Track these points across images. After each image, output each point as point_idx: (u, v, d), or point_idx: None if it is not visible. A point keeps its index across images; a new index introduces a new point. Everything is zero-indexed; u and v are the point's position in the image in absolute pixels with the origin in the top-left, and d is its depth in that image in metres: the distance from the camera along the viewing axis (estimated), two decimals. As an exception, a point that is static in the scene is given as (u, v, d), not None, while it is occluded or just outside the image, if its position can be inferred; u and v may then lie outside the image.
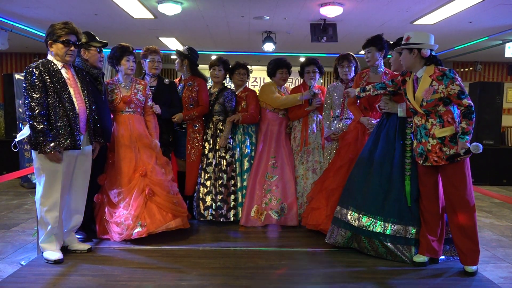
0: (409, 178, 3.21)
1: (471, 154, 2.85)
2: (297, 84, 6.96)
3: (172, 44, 8.41)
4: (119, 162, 3.59)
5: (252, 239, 3.78)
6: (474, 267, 3.01)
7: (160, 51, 4.11)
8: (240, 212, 4.15)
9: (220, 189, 4.13)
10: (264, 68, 4.44)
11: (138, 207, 3.47)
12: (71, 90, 3.05)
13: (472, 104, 2.90)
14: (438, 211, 3.13)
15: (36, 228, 3.42)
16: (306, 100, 4.13)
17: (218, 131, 4.22)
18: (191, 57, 4.21)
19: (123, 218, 3.46)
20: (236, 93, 4.34)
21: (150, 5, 5.66)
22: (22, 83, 3.03)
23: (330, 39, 6.39)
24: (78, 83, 3.13)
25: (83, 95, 3.13)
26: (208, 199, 4.12)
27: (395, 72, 3.51)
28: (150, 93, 3.88)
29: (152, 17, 6.25)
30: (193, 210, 4.19)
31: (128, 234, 3.42)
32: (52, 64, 3.02)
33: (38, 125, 2.89)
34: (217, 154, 4.18)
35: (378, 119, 3.68)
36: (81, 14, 6.04)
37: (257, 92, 4.44)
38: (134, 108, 3.71)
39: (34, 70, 2.94)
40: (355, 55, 4.10)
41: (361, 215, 3.27)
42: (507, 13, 5.60)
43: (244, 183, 4.21)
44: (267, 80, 5.00)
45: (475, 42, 7.24)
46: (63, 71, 3.05)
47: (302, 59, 4.41)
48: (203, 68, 4.56)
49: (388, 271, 3.05)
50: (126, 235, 3.43)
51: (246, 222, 4.08)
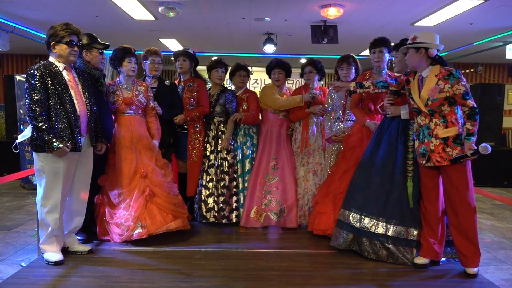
0: (411, 179, 3.20)
1: (478, 155, 2.82)
2: (298, 86, 6.94)
3: (173, 46, 8.42)
4: (120, 163, 3.59)
5: (252, 240, 3.77)
6: (475, 269, 3.00)
7: (161, 53, 4.11)
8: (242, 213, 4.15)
9: (222, 190, 4.13)
10: (265, 69, 4.44)
11: (139, 208, 3.46)
12: (72, 92, 3.05)
13: (476, 105, 2.91)
14: (438, 213, 3.12)
15: (36, 229, 3.42)
16: (306, 102, 4.13)
17: (220, 133, 4.22)
18: (196, 59, 4.25)
19: (124, 219, 3.45)
20: (237, 94, 4.34)
21: (151, 6, 5.66)
22: (23, 84, 3.04)
23: (330, 40, 6.39)
24: (79, 85, 3.14)
25: (84, 96, 3.13)
26: (210, 201, 4.11)
27: (396, 74, 3.51)
28: (152, 94, 3.88)
29: (153, 18, 6.26)
30: (193, 211, 4.19)
31: (128, 235, 3.42)
32: (54, 66, 3.03)
33: (41, 124, 2.89)
34: (218, 155, 4.18)
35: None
36: (82, 16, 6.05)
37: (258, 93, 4.45)
38: (136, 109, 3.71)
39: (35, 72, 2.94)
40: (356, 57, 4.10)
41: (363, 216, 3.27)
42: (508, 14, 5.60)
43: (246, 184, 4.20)
44: (268, 81, 5.00)
45: (476, 43, 7.24)
46: (65, 73, 3.06)
47: (303, 61, 4.41)
48: (201, 70, 4.56)
49: (389, 273, 3.05)
50: (126, 236, 3.42)
51: (246, 223, 4.07)
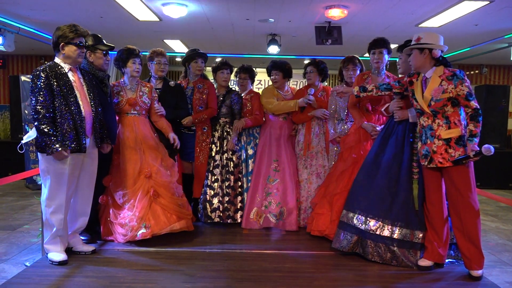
0: (416, 181, 3.19)
1: (481, 156, 2.80)
2: (302, 86, 6.94)
3: (177, 46, 8.44)
4: (124, 164, 3.60)
5: (256, 241, 3.77)
6: (479, 271, 2.98)
7: (166, 54, 4.12)
8: (246, 213, 4.16)
9: (227, 190, 4.13)
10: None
11: (143, 208, 3.47)
12: (77, 93, 3.06)
13: (479, 106, 2.90)
14: (442, 215, 3.11)
15: (40, 229, 3.44)
16: (300, 107, 4.10)
17: (225, 133, 4.23)
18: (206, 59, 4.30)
19: (128, 219, 3.46)
20: (241, 95, 4.35)
21: (155, 7, 5.68)
22: (28, 85, 3.06)
23: (335, 41, 6.40)
24: (84, 86, 3.15)
25: (89, 98, 3.15)
26: (215, 201, 4.12)
27: (400, 75, 3.50)
28: (156, 95, 3.88)
29: (157, 19, 6.28)
30: (197, 212, 4.20)
31: (132, 235, 3.42)
32: (59, 67, 3.04)
33: (44, 127, 2.91)
34: (224, 156, 4.19)
35: (382, 125, 3.66)
36: (86, 17, 6.08)
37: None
38: (139, 110, 3.72)
39: (41, 73, 2.96)
40: (360, 58, 4.09)
41: (368, 219, 3.25)
42: (513, 16, 5.59)
43: (249, 184, 4.21)
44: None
45: (480, 45, 7.21)
46: (70, 74, 3.07)
47: (307, 62, 4.39)
48: (207, 71, 4.57)
49: (392, 275, 3.03)
50: (130, 237, 3.43)
51: (246, 224, 4.08)
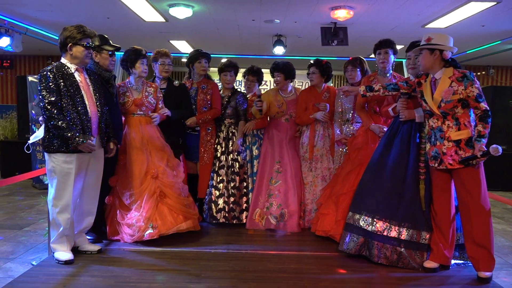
0: (423, 182, 3.16)
1: (489, 156, 2.78)
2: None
3: (183, 47, 8.47)
4: (131, 165, 3.61)
5: (261, 242, 3.77)
6: (487, 273, 2.96)
7: (171, 54, 4.13)
8: (252, 213, 4.16)
9: (232, 191, 4.14)
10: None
11: (150, 209, 3.48)
12: (83, 93, 3.08)
13: (489, 108, 2.88)
14: (449, 217, 3.09)
15: (47, 228, 3.46)
16: (315, 107, 4.08)
17: (231, 134, 4.23)
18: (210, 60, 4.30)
19: (135, 220, 3.48)
20: (247, 96, 4.35)
21: (162, 8, 5.70)
22: (35, 85, 3.09)
23: (340, 42, 6.39)
24: (90, 86, 3.17)
25: (95, 98, 3.16)
26: (220, 201, 4.12)
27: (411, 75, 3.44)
28: (161, 95, 3.90)
29: (164, 20, 6.30)
30: (203, 212, 4.21)
31: (139, 235, 3.44)
32: (66, 67, 3.06)
33: (61, 123, 2.93)
34: (229, 156, 4.19)
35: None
36: (93, 17, 6.12)
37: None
38: (145, 110, 3.74)
39: (48, 73, 2.98)
40: (365, 59, 4.08)
41: (375, 220, 3.22)
42: (520, 17, 5.55)
43: (254, 185, 4.20)
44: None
45: (487, 46, 7.17)
46: (76, 75, 3.09)
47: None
48: (212, 71, 4.57)
49: (398, 277, 3.02)
50: (137, 237, 3.45)
51: (249, 224, 4.09)
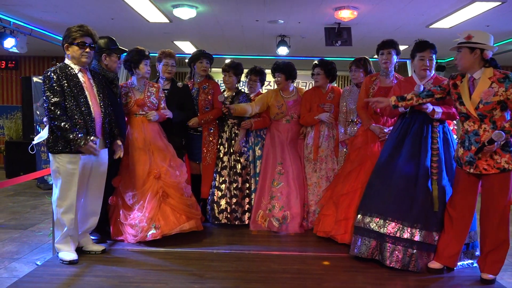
0: (436, 182, 3.10)
1: (494, 143, 2.71)
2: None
3: (187, 48, 8.48)
4: (133, 165, 3.62)
5: (264, 242, 3.77)
6: (491, 276, 2.94)
7: (175, 55, 4.14)
8: (254, 215, 4.15)
9: (235, 192, 4.14)
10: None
11: (152, 209, 3.49)
12: (87, 94, 3.09)
13: None
14: (470, 220, 3.02)
15: (51, 228, 3.47)
16: (320, 108, 4.06)
17: (234, 135, 4.23)
18: (213, 60, 4.30)
19: (138, 220, 3.48)
20: (250, 97, 4.35)
21: (166, 9, 5.71)
22: (40, 86, 3.10)
23: (344, 43, 6.37)
24: (94, 87, 3.18)
25: (99, 98, 3.17)
26: (222, 202, 4.12)
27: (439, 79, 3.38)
28: (163, 95, 3.90)
29: (167, 21, 6.31)
30: (206, 213, 4.21)
31: (142, 236, 3.45)
32: (69, 68, 3.07)
33: (64, 124, 2.94)
34: (232, 157, 4.19)
35: (390, 127, 3.64)
36: (98, 18, 6.14)
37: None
38: (148, 111, 3.74)
39: (52, 74, 2.99)
40: (370, 59, 4.07)
41: (387, 221, 3.14)
42: (525, 16, 5.52)
43: (257, 186, 4.20)
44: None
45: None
46: (80, 75, 3.10)
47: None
48: (217, 72, 4.58)
49: (401, 277, 3.01)
50: (140, 237, 3.45)
51: (253, 226, 4.09)
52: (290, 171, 4.10)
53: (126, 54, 3.74)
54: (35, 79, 7.11)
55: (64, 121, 2.95)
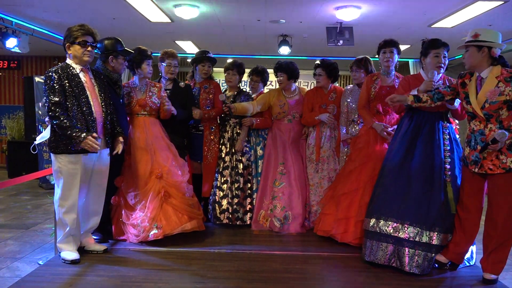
0: (450, 184, 3.07)
1: (497, 142, 2.69)
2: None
3: (189, 48, 8.48)
4: (136, 165, 3.62)
5: (266, 242, 3.76)
6: (494, 276, 2.93)
7: (178, 55, 4.14)
8: (255, 215, 4.15)
9: (236, 192, 4.14)
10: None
11: (154, 209, 3.49)
12: (88, 94, 3.09)
13: None
14: (479, 220, 3.01)
15: (53, 228, 3.48)
16: (322, 108, 4.06)
17: (235, 134, 4.23)
18: (215, 61, 4.30)
19: (140, 220, 3.48)
20: (252, 96, 4.34)
21: (167, 9, 5.72)
22: (42, 86, 3.10)
23: (346, 42, 6.36)
24: (96, 87, 3.18)
25: (100, 98, 3.17)
26: (224, 202, 4.12)
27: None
28: (165, 94, 3.90)
29: (169, 21, 6.32)
30: (208, 212, 4.21)
31: (144, 236, 3.45)
32: (71, 68, 3.08)
33: (65, 122, 2.94)
34: (233, 157, 4.19)
35: (394, 125, 3.62)
36: (99, 18, 6.14)
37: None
38: (150, 110, 3.74)
39: (53, 74, 3.00)
40: (372, 59, 4.06)
41: (405, 225, 3.04)
42: (528, 16, 5.50)
43: (259, 185, 4.20)
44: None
45: (494, 45, 7.10)
46: (81, 75, 3.10)
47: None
48: (218, 72, 4.58)
49: (403, 277, 3.00)
50: (142, 237, 3.46)
51: (254, 226, 4.09)
52: (292, 171, 4.09)
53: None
54: (37, 79, 7.13)
55: (65, 119, 2.95)
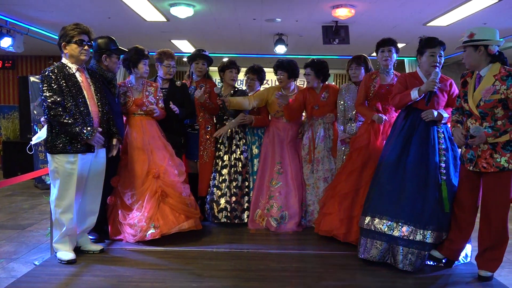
0: (444, 183, 3.08)
1: (475, 138, 2.77)
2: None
3: (184, 47, 8.47)
4: (132, 165, 3.62)
5: (263, 241, 3.77)
6: (489, 273, 2.95)
7: (175, 55, 4.12)
8: (253, 213, 4.15)
9: (234, 190, 4.13)
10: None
11: (151, 208, 3.49)
12: (85, 93, 3.08)
13: None
14: (474, 218, 3.02)
15: (49, 228, 3.47)
16: (314, 109, 4.05)
17: (234, 133, 4.23)
18: (211, 60, 4.31)
19: (137, 220, 3.48)
20: (249, 95, 4.34)
21: (163, 8, 5.70)
22: (37, 85, 3.09)
23: (342, 41, 6.37)
24: (92, 86, 3.17)
25: (96, 98, 3.16)
26: (222, 201, 4.12)
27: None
28: (161, 94, 3.90)
29: (165, 20, 6.30)
30: (205, 211, 4.21)
31: (141, 235, 3.44)
32: (67, 67, 3.06)
33: (66, 119, 2.94)
34: (232, 156, 4.19)
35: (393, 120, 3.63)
36: (94, 17, 6.12)
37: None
38: (146, 111, 3.73)
39: (50, 74, 2.98)
40: (368, 57, 4.06)
41: (400, 224, 3.05)
42: (522, 14, 5.53)
43: (255, 184, 4.20)
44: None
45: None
46: (78, 75, 3.09)
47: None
48: (215, 71, 4.58)
49: (400, 275, 3.02)
50: (139, 237, 3.45)
51: (251, 225, 4.09)
52: (289, 170, 4.09)
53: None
54: (32, 79, 7.08)
55: (66, 116, 2.94)
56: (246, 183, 4.21)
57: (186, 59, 4.46)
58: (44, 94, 2.97)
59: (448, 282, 2.97)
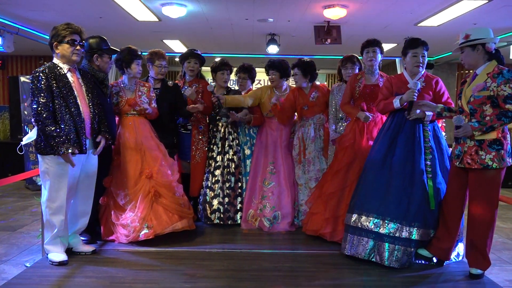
0: (431, 180, 3.12)
1: (460, 128, 2.83)
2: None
3: (176, 47, 8.45)
4: (125, 165, 3.60)
5: (256, 241, 3.77)
6: (480, 270, 2.98)
7: (166, 55, 4.11)
8: (245, 214, 4.15)
9: (227, 191, 4.13)
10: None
11: (145, 209, 3.48)
12: (76, 94, 3.06)
13: None
14: (461, 216, 3.06)
15: (40, 230, 3.44)
16: (304, 109, 4.06)
17: (227, 134, 4.22)
18: (204, 60, 4.30)
19: (130, 220, 3.46)
20: (242, 94, 4.34)
21: (154, 7, 5.68)
22: (28, 85, 3.06)
23: (334, 41, 6.40)
24: (83, 87, 3.14)
25: (88, 98, 3.14)
26: (215, 202, 4.11)
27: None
28: (154, 94, 3.89)
29: (157, 19, 6.28)
30: (197, 212, 4.20)
31: (135, 236, 3.43)
32: (58, 68, 3.04)
33: (49, 129, 2.90)
34: (225, 157, 4.18)
35: (378, 124, 3.65)
36: (86, 17, 6.08)
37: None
38: (139, 110, 3.72)
39: (40, 75, 2.95)
40: (359, 57, 4.08)
41: (386, 221, 3.10)
42: (511, 14, 5.59)
43: (247, 185, 4.20)
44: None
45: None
46: (69, 75, 3.06)
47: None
48: (204, 71, 4.57)
49: (392, 273, 3.03)
50: (133, 237, 3.44)
51: (244, 225, 4.10)
52: (282, 170, 4.10)
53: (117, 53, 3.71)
54: (22, 79, 7.02)
55: (50, 125, 2.91)
56: (239, 184, 4.21)
57: (178, 59, 4.42)
58: (32, 95, 2.94)
59: (438, 280, 3.00)
